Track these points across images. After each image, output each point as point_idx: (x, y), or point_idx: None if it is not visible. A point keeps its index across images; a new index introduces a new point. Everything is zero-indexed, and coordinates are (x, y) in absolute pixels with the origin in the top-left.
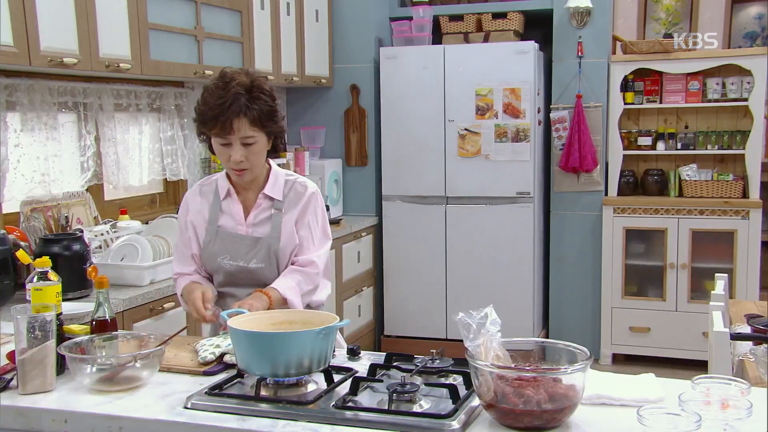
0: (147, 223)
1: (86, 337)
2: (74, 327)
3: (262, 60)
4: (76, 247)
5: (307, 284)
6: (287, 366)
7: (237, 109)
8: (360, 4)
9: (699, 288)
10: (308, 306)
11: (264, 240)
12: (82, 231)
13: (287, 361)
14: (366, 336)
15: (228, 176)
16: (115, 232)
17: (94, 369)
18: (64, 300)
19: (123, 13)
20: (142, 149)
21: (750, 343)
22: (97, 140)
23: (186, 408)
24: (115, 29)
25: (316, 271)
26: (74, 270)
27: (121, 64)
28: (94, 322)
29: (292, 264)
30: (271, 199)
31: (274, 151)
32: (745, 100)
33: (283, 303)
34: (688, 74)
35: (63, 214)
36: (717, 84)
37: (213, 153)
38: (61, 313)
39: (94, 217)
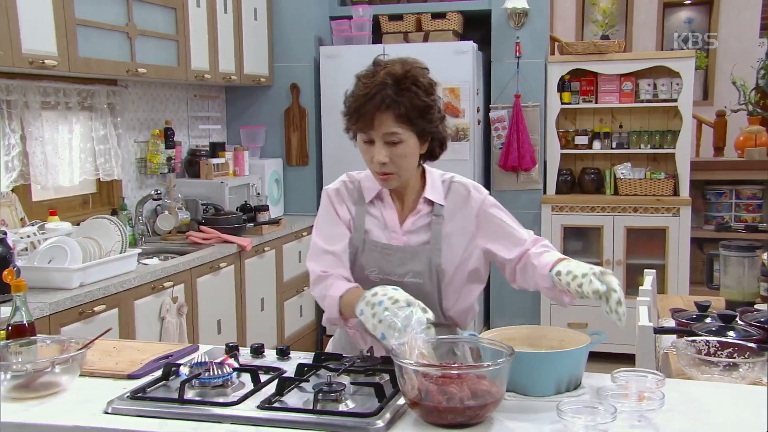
0: (78, 225)
1: (1, 343)
2: None
3: (198, 58)
4: None
5: None
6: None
7: (380, 102)
8: (299, 2)
9: (634, 284)
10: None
11: (423, 252)
12: (5, 233)
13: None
14: (308, 336)
15: None
16: (43, 233)
17: (9, 376)
18: None
19: (47, 8)
20: (73, 149)
21: (674, 336)
22: (23, 139)
23: (106, 413)
24: (39, 24)
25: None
26: None
27: (46, 61)
28: (9, 327)
29: (526, 252)
30: (431, 203)
31: (431, 156)
32: (675, 101)
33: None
34: (622, 75)
35: None
36: (649, 85)
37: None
38: None
39: (21, 219)
